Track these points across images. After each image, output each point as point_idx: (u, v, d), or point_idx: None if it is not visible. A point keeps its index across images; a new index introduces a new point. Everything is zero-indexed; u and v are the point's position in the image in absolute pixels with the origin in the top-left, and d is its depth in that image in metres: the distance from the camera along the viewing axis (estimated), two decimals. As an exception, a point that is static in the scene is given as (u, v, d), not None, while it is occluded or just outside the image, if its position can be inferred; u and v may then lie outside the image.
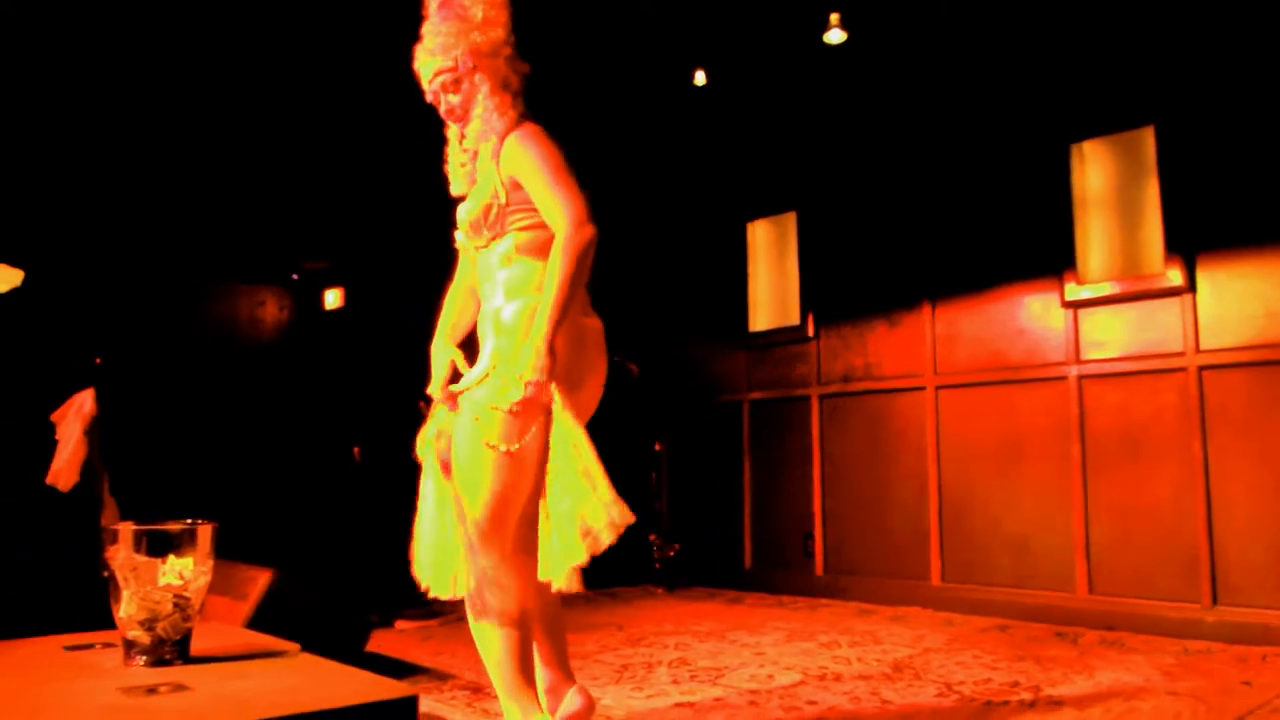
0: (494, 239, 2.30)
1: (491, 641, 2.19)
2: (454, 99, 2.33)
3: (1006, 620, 4.68)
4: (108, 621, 1.95)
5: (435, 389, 2.40)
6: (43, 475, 4.60)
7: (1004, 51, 5.03)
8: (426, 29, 2.35)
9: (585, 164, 2.29)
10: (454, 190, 2.47)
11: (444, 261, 2.60)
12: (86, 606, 2.36)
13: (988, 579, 4.93)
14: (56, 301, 6.45)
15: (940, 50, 5.21)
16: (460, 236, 2.40)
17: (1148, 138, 4.60)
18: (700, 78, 5.39)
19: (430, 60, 2.32)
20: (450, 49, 2.29)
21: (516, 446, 2.17)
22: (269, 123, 5.74)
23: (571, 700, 2.42)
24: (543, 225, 2.27)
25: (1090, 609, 4.50)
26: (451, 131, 2.45)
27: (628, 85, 5.52)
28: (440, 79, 2.32)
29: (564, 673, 2.46)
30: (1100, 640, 4.17)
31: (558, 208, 2.18)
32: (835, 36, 4.90)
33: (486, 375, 2.23)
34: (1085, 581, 4.56)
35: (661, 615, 5.09)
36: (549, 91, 2.59)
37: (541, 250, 2.26)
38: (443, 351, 2.48)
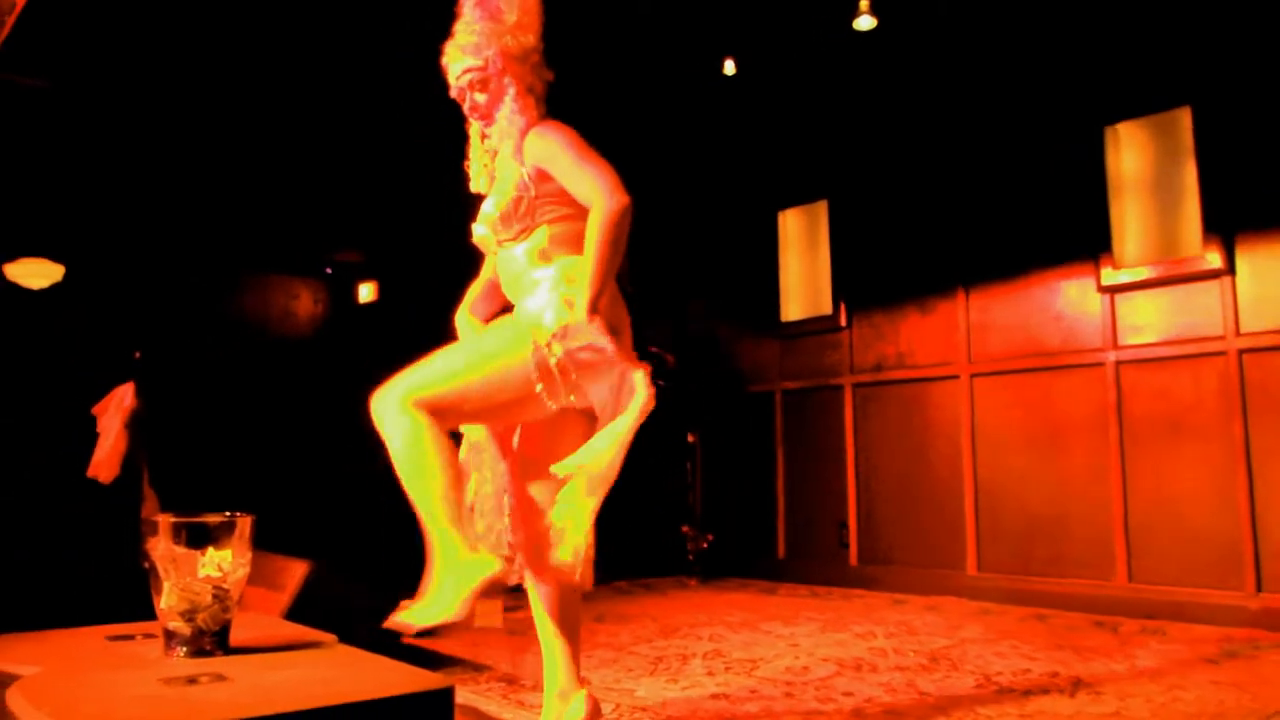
0: (523, 232, 2.29)
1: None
2: (480, 98, 2.34)
3: (1044, 610, 4.64)
4: (149, 612, 1.97)
5: None
6: (84, 468, 4.67)
7: (1036, 34, 4.97)
8: (459, 26, 2.35)
9: (616, 156, 2.28)
10: (473, 187, 2.47)
11: (476, 255, 2.60)
12: (128, 597, 2.39)
13: (1025, 568, 4.88)
14: (96, 297, 6.54)
15: (971, 34, 5.15)
16: (481, 231, 2.38)
17: (1184, 118, 4.52)
18: (730, 67, 5.36)
19: (461, 57, 2.33)
20: (481, 49, 2.31)
21: (535, 384, 2.14)
22: (303, 116, 5.78)
23: (577, 707, 2.38)
24: (574, 217, 2.26)
25: (1130, 597, 4.45)
26: (473, 129, 2.45)
27: (658, 76, 5.50)
28: (468, 76, 2.33)
29: (575, 676, 2.43)
30: (1141, 629, 4.13)
31: (589, 181, 2.18)
32: (865, 23, 4.85)
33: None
34: (1125, 570, 4.51)
35: (695, 606, 5.09)
36: (580, 84, 2.59)
37: (575, 243, 2.25)
38: (467, 321, 2.50)
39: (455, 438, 2.32)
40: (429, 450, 2.09)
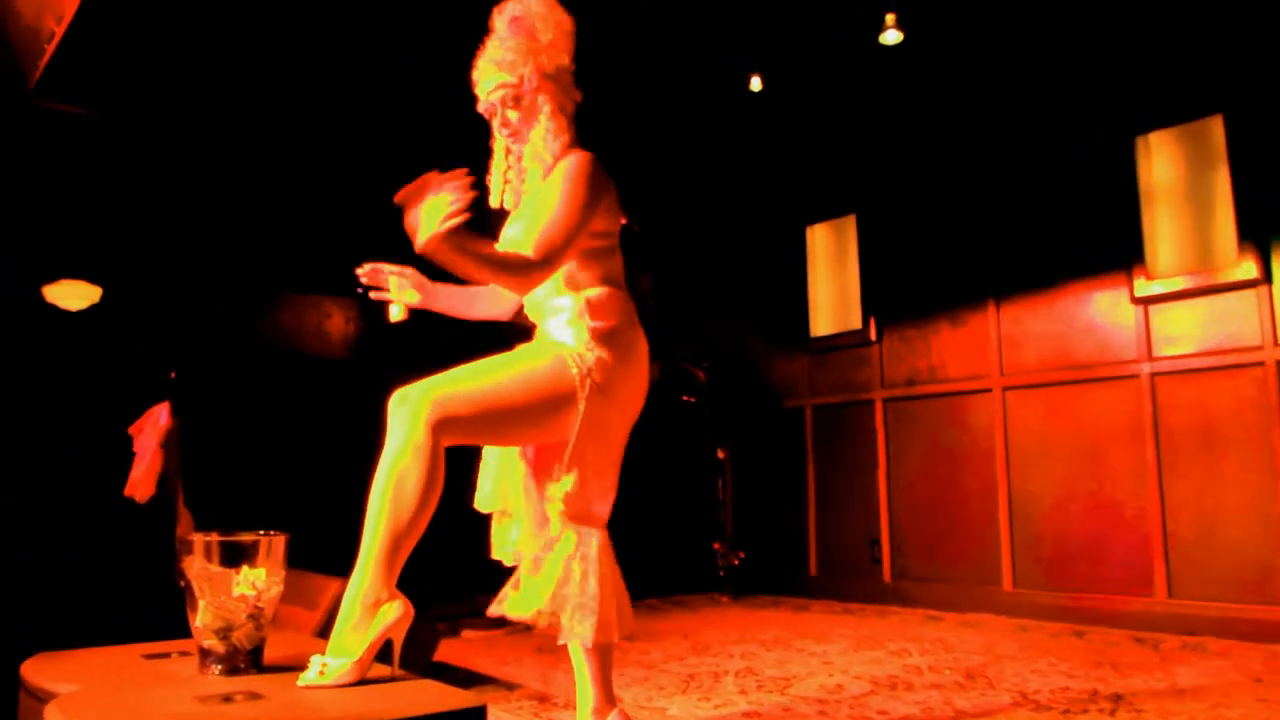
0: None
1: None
2: (513, 115, 2.35)
3: (1082, 626, 4.58)
4: (185, 630, 1.99)
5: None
6: (121, 487, 4.72)
7: (1064, 45, 4.94)
8: (493, 42, 2.36)
9: (644, 173, 2.29)
10: (492, 202, 2.47)
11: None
12: (164, 616, 2.42)
13: (1061, 584, 4.82)
14: (132, 318, 6.62)
15: (998, 46, 5.13)
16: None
17: (1216, 127, 4.48)
18: (756, 83, 5.37)
19: (495, 73, 2.33)
20: (516, 66, 2.31)
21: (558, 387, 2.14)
22: (334, 137, 5.84)
23: None
24: (603, 246, 2.27)
25: (1170, 613, 4.38)
26: (498, 144, 2.46)
27: (685, 92, 5.51)
28: (501, 92, 2.33)
29: (607, 693, 2.42)
30: (1182, 645, 4.06)
31: (542, 236, 2.13)
32: (892, 37, 4.84)
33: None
34: (1164, 585, 4.44)
35: (727, 624, 5.06)
36: (608, 101, 2.60)
37: (601, 271, 2.27)
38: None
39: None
40: (416, 475, 1.99)
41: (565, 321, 2.26)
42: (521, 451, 2.34)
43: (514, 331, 2.44)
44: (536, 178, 2.34)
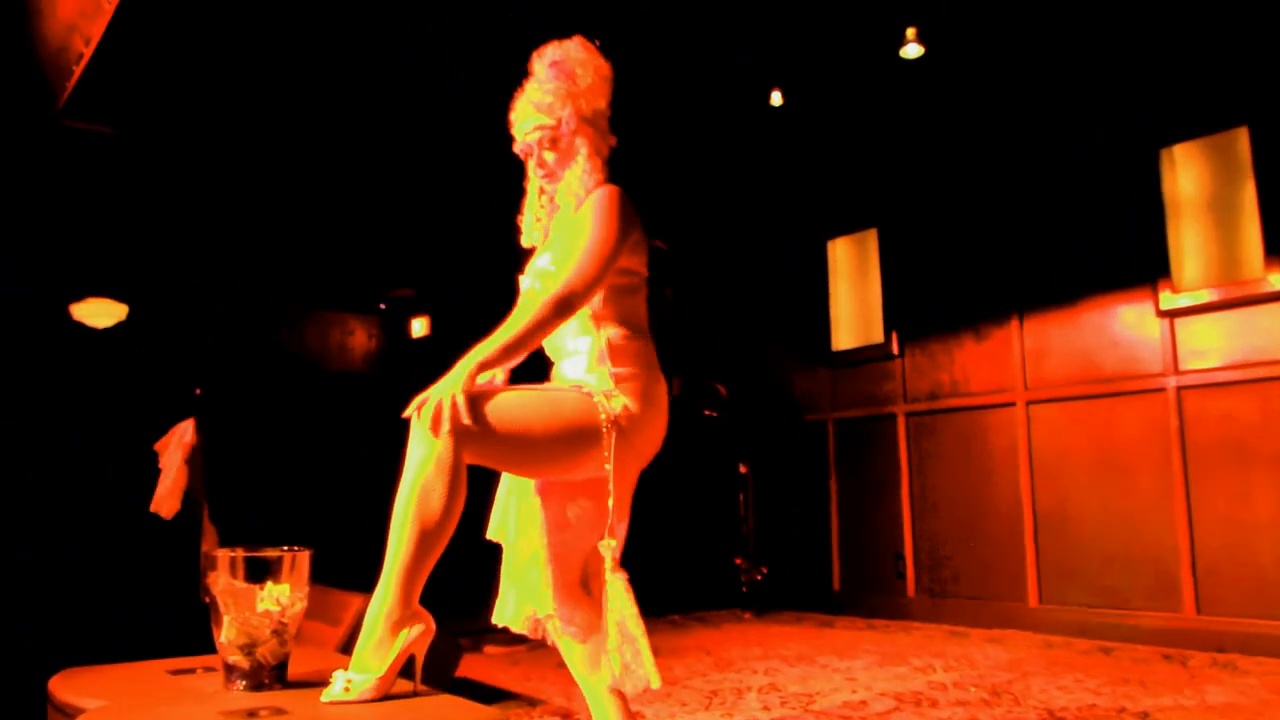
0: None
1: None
2: (549, 156, 2.36)
3: (1109, 642, 4.53)
4: (210, 646, 2.00)
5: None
6: (147, 503, 4.76)
7: (1087, 57, 4.93)
8: (532, 84, 2.38)
9: (666, 189, 2.29)
10: (525, 241, 2.48)
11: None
12: (190, 631, 2.43)
13: (1088, 599, 4.77)
14: (158, 335, 6.69)
15: (1019, 58, 5.12)
16: (527, 283, 2.39)
17: (1241, 139, 4.45)
18: (776, 98, 5.38)
19: (534, 114, 2.35)
20: (555, 109, 2.33)
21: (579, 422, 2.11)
22: (356, 157, 5.89)
23: None
24: (620, 288, 2.27)
25: (1199, 629, 4.33)
26: (531, 184, 2.47)
27: (706, 107, 5.53)
28: (539, 134, 2.35)
29: (625, 714, 2.39)
30: (1211, 662, 4.01)
31: (575, 267, 2.15)
32: (912, 51, 4.84)
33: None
34: (1192, 600, 4.39)
35: (750, 639, 5.04)
36: (629, 117, 2.61)
37: (625, 311, 2.26)
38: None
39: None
40: (440, 487, 1.97)
41: (584, 366, 2.24)
42: (544, 502, 2.32)
43: (536, 356, 2.42)
44: (568, 210, 2.34)
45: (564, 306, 2.13)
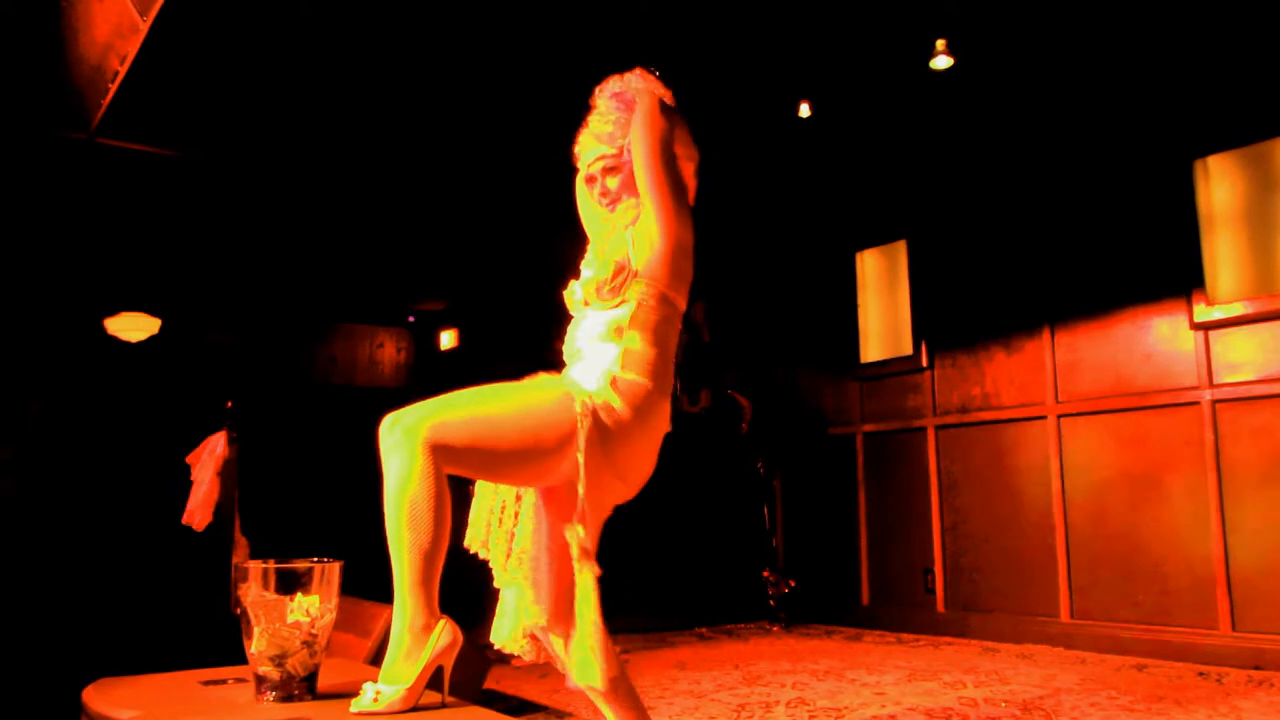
0: (612, 298, 2.27)
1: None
2: (611, 183, 2.40)
3: (1143, 659, 4.47)
4: (241, 657, 2.01)
5: None
6: (179, 515, 4.80)
7: (1120, 67, 4.89)
8: (594, 117, 2.43)
9: (695, 200, 2.30)
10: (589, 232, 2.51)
11: (552, 301, 2.63)
12: (222, 642, 2.44)
13: (1121, 615, 4.71)
14: (190, 348, 6.76)
15: (1051, 68, 5.09)
16: (572, 290, 2.38)
17: (1277, 150, 4.40)
18: (805, 110, 5.37)
19: (595, 145, 2.41)
20: (616, 138, 2.38)
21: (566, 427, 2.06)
22: (388, 168, 5.94)
23: None
24: (664, 302, 2.25)
25: (1235, 646, 4.26)
26: (580, 189, 2.51)
27: (734, 119, 5.53)
28: (602, 164, 2.40)
29: None
30: (1247, 680, 3.94)
31: (650, 196, 2.26)
32: (942, 62, 4.83)
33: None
34: (1228, 617, 4.32)
35: (778, 653, 5.01)
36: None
37: (655, 330, 2.24)
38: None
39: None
40: (426, 495, 1.96)
41: (597, 368, 2.21)
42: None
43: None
44: (623, 223, 2.35)
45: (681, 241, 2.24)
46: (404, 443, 2.00)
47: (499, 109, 5.00)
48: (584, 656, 2.08)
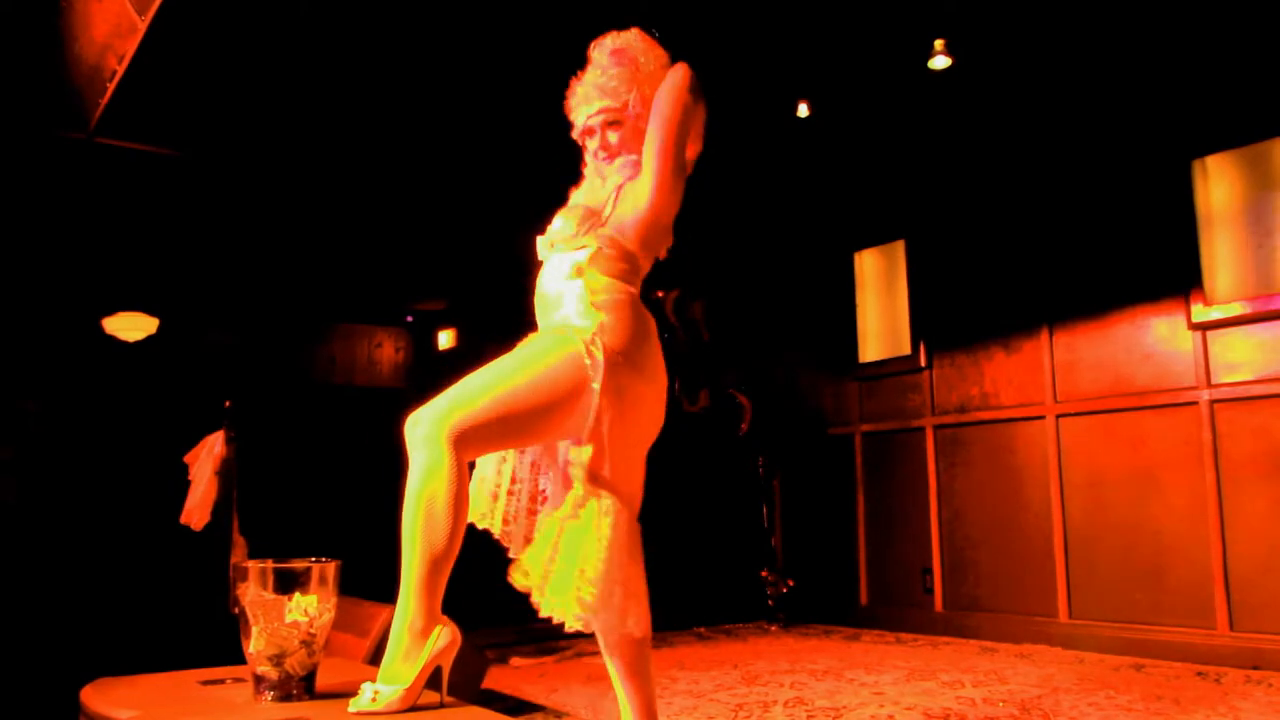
0: (574, 241, 2.27)
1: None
2: (613, 137, 2.40)
3: (1141, 659, 4.47)
4: (239, 656, 2.01)
5: None
6: (177, 515, 4.80)
7: (1118, 67, 4.89)
8: (593, 71, 2.43)
9: (692, 199, 2.30)
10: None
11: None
12: (220, 641, 2.44)
13: (1119, 615, 4.71)
14: (188, 348, 6.75)
15: (1049, 68, 5.09)
16: (549, 232, 2.37)
17: (1275, 150, 4.40)
18: (803, 109, 5.37)
19: (599, 98, 2.39)
20: (620, 93, 2.39)
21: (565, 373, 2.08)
22: (385, 167, 5.94)
23: None
24: (625, 257, 2.26)
25: (1233, 646, 4.26)
26: (589, 170, 2.49)
27: (732, 118, 5.53)
28: (604, 116, 2.39)
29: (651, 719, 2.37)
30: (1245, 680, 3.95)
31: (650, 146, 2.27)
32: (940, 62, 4.83)
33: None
34: (1226, 617, 4.33)
35: (776, 653, 5.01)
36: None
37: (615, 276, 2.24)
38: None
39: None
40: (445, 494, 1.98)
41: (572, 305, 2.21)
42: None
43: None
44: (615, 180, 2.36)
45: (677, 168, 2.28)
46: (427, 439, 2.02)
47: (498, 109, 4.99)
48: (565, 592, 2.03)
